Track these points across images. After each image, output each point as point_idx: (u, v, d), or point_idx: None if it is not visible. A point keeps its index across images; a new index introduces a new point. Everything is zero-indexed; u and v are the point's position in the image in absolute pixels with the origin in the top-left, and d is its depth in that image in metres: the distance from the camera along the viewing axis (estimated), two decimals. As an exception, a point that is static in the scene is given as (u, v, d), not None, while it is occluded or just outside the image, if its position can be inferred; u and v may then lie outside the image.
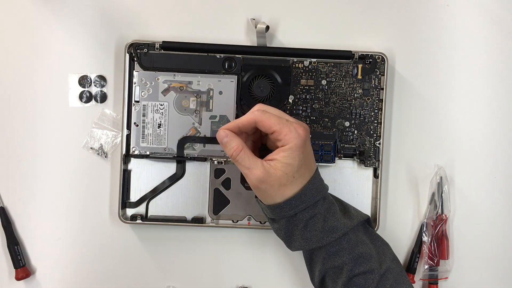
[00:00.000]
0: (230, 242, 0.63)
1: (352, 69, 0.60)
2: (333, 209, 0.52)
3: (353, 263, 0.50)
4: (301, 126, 0.49)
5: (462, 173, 0.63)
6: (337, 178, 0.61)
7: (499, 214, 0.63)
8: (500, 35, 0.63)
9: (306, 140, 0.49)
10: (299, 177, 0.50)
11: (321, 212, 0.51)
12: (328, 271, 0.52)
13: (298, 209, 0.50)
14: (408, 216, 0.63)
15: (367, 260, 0.51)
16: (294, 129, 0.49)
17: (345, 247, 0.51)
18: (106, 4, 0.62)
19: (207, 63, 0.60)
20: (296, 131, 0.48)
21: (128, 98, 0.60)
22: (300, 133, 0.49)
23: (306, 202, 0.50)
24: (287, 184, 0.49)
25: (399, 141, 0.63)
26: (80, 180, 0.62)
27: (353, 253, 0.51)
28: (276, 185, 0.49)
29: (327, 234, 0.50)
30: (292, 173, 0.49)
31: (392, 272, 0.51)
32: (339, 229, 0.51)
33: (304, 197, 0.50)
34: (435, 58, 0.63)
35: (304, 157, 0.49)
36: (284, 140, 0.48)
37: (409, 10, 0.63)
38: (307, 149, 0.50)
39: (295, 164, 0.49)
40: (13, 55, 0.62)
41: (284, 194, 0.50)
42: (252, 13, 0.62)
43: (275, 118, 0.49)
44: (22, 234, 0.62)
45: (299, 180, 0.50)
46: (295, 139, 0.48)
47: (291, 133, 0.48)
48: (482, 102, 0.63)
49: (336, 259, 0.51)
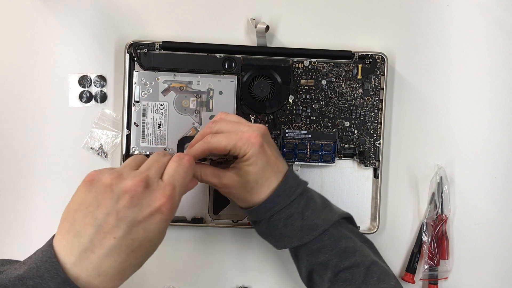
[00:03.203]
0: (230, 242, 0.63)
1: (352, 69, 0.60)
2: (312, 206, 0.51)
3: (337, 258, 0.50)
4: (254, 132, 0.49)
5: (462, 173, 0.63)
6: (337, 178, 0.61)
7: (499, 214, 0.63)
8: (500, 35, 0.63)
9: (262, 146, 0.49)
10: (265, 181, 0.50)
11: (298, 211, 0.50)
12: (314, 267, 0.52)
13: (274, 211, 0.50)
14: (408, 216, 0.63)
15: (351, 254, 0.50)
16: (246, 139, 0.48)
17: (327, 243, 0.50)
18: (106, 4, 0.62)
19: (207, 63, 0.60)
20: (248, 141, 0.48)
21: (128, 98, 0.60)
22: (253, 141, 0.48)
23: (280, 203, 0.50)
24: (254, 190, 0.50)
25: (399, 141, 0.63)
26: (80, 180, 0.62)
27: (336, 249, 0.50)
28: (243, 192, 0.50)
29: (306, 232, 0.50)
30: (255, 179, 0.49)
31: (377, 265, 0.51)
32: (319, 226, 0.50)
33: (277, 198, 0.50)
34: (435, 58, 0.63)
35: (266, 161, 0.49)
36: (240, 153, 0.49)
37: (409, 10, 0.63)
38: (267, 153, 0.49)
39: (255, 171, 0.49)
40: (13, 55, 0.62)
41: (256, 198, 0.50)
42: (252, 13, 0.62)
43: (225, 139, 0.48)
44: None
45: (267, 184, 0.50)
46: (250, 149, 0.48)
47: (245, 145, 0.48)
48: (482, 102, 0.63)
49: (319, 256, 0.51)
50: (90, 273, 0.39)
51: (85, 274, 0.39)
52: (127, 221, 0.40)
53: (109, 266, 0.40)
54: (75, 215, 0.40)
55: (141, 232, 0.40)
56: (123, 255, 0.40)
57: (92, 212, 0.40)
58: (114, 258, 0.40)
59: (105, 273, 0.40)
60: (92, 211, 0.40)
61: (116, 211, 0.40)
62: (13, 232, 0.62)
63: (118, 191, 0.40)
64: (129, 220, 0.40)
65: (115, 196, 0.40)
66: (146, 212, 0.40)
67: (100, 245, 0.39)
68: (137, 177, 0.41)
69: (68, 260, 0.39)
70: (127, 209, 0.40)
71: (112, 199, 0.40)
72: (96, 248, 0.39)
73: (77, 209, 0.40)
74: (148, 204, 0.41)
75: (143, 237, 0.41)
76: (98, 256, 0.39)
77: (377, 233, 0.61)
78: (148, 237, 0.41)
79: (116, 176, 0.41)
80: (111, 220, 0.39)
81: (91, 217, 0.40)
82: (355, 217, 0.54)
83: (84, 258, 0.39)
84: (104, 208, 0.40)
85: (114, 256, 0.40)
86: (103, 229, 0.39)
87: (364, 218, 0.61)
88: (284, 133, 0.60)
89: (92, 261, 0.39)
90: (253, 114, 0.60)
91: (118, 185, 0.40)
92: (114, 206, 0.40)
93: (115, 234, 0.39)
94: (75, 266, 0.39)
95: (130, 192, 0.40)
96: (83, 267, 0.39)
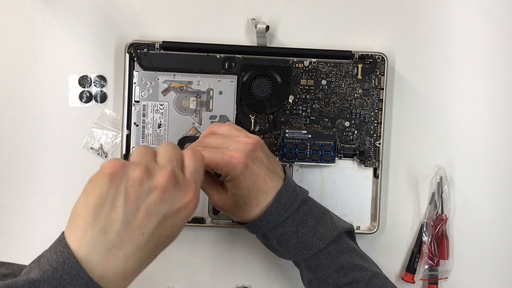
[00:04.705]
0: (230, 242, 0.63)
1: (352, 69, 0.60)
2: (309, 222, 0.49)
3: (336, 275, 0.49)
4: (238, 152, 0.46)
5: (462, 173, 0.63)
6: (337, 178, 0.61)
7: (499, 214, 0.63)
8: (500, 35, 0.63)
9: (245, 167, 0.46)
10: (253, 201, 0.48)
11: (292, 230, 0.49)
12: (314, 280, 0.51)
13: (266, 229, 0.49)
14: (408, 216, 0.63)
15: (351, 270, 0.49)
16: (228, 160, 0.46)
17: (323, 261, 0.49)
18: (106, 4, 0.62)
19: (207, 63, 0.60)
20: (230, 162, 0.46)
21: (128, 98, 0.60)
22: (235, 162, 0.46)
23: (272, 221, 0.48)
24: (242, 209, 0.49)
25: (399, 141, 0.63)
26: (80, 180, 0.62)
27: (333, 266, 0.49)
28: (233, 210, 0.49)
29: (301, 250, 0.49)
30: (242, 200, 0.48)
31: (378, 276, 0.50)
32: (314, 245, 0.49)
33: (270, 217, 0.48)
34: (435, 58, 0.63)
35: (252, 182, 0.47)
36: (223, 174, 0.48)
37: (409, 10, 0.63)
38: (253, 172, 0.47)
39: (240, 192, 0.48)
40: (13, 55, 0.62)
41: (246, 217, 0.49)
42: (252, 13, 0.62)
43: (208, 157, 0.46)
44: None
45: (255, 203, 0.48)
46: (232, 171, 0.46)
47: (226, 166, 0.46)
48: (482, 102, 0.63)
49: (317, 273, 0.50)
50: (116, 271, 0.37)
51: (112, 272, 0.36)
52: (157, 216, 0.38)
53: (134, 263, 0.38)
54: (98, 209, 0.37)
55: (168, 228, 0.39)
56: (148, 251, 0.38)
57: (119, 206, 0.37)
58: (140, 254, 0.38)
59: (130, 270, 0.38)
60: (119, 205, 0.37)
61: (147, 206, 0.38)
62: (13, 232, 0.62)
63: (149, 186, 0.38)
64: (159, 215, 0.38)
65: (145, 191, 0.38)
66: (175, 207, 0.39)
67: (129, 241, 0.37)
68: (167, 172, 0.39)
69: (93, 258, 0.36)
70: (158, 204, 0.38)
71: (142, 193, 0.38)
72: (124, 244, 0.37)
73: (100, 203, 0.37)
74: (178, 199, 0.39)
75: (169, 232, 0.40)
76: (125, 253, 0.37)
77: (377, 233, 0.61)
78: (172, 232, 0.40)
79: (145, 170, 0.39)
80: (140, 215, 0.37)
81: (118, 211, 0.37)
82: (355, 217, 0.54)
83: (111, 256, 0.36)
84: (133, 202, 0.37)
85: (140, 252, 0.38)
86: (133, 224, 0.37)
87: (364, 218, 0.61)
88: (284, 133, 0.60)
89: (120, 258, 0.37)
90: (253, 114, 0.60)
91: (149, 179, 0.38)
92: (145, 201, 0.38)
93: (144, 230, 0.38)
94: (100, 264, 0.36)
95: (162, 187, 0.38)
96: (110, 265, 0.36)
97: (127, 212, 0.37)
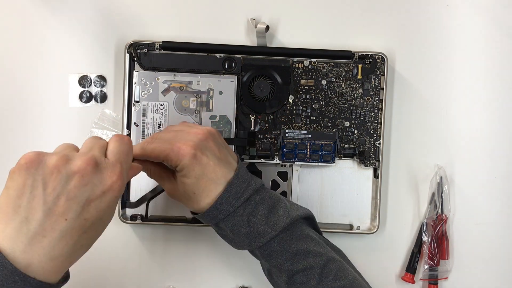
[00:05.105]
0: (230, 242, 0.63)
1: (352, 69, 0.60)
2: (261, 211, 0.49)
3: (289, 262, 0.49)
4: (186, 142, 0.48)
5: (462, 173, 0.63)
6: (337, 178, 0.61)
7: (499, 214, 0.63)
8: (500, 35, 0.63)
9: (194, 157, 0.47)
10: (202, 191, 0.48)
11: (243, 219, 0.49)
12: (271, 269, 0.51)
13: (218, 219, 0.49)
14: (408, 216, 0.63)
15: (304, 257, 0.49)
16: (177, 150, 0.47)
17: (276, 249, 0.49)
18: (106, 4, 0.62)
19: (207, 63, 0.60)
20: (178, 153, 0.47)
21: (128, 98, 0.60)
22: (183, 153, 0.47)
23: (223, 211, 0.48)
24: (192, 199, 0.49)
25: (399, 141, 0.63)
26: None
27: (287, 253, 0.49)
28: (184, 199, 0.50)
29: (253, 239, 0.49)
30: (192, 190, 0.48)
31: (334, 262, 0.50)
32: (266, 233, 0.49)
33: (220, 206, 0.48)
34: (435, 58, 0.63)
35: (201, 172, 0.48)
36: (172, 164, 0.48)
37: (409, 10, 0.63)
38: (202, 162, 0.48)
39: (189, 182, 0.48)
40: (13, 55, 0.62)
41: (197, 206, 0.50)
42: (252, 13, 0.62)
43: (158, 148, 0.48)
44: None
45: (205, 193, 0.48)
46: (180, 161, 0.47)
47: (176, 157, 0.47)
48: (482, 102, 0.63)
49: (272, 260, 0.50)
50: (42, 259, 0.38)
51: (37, 260, 0.38)
52: (79, 201, 0.39)
53: (62, 249, 0.39)
54: (18, 201, 0.38)
55: (93, 212, 0.40)
56: (75, 237, 0.39)
57: (39, 195, 0.38)
58: (67, 240, 0.39)
59: (58, 256, 0.39)
60: (38, 194, 0.38)
61: (67, 192, 0.38)
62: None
63: (67, 172, 0.39)
64: (81, 199, 0.39)
65: (63, 177, 0.39)
66: (98, 190, 0.40)
67: (52, 228, 0.38)
68: (85, 157, 0.40)
69: (16, 248, 0.37)
70: (78, 189, 0.39)
71: (61, 180, 0.39)
72: (47, 232, 0.38)
73: (19, 195, 0.38)
74: (100, 182, 0.40)
75: (95, 216, 0.40)
76: (50, 240, 0.38)
77: (377, 233, 0.61)
78: (99, 216, 0.40)
79: (61, 156, 0.39)
80: (61, 201, 0.38)
81: (38, 200, 0.38)
82: (355, 217, 0.54)
83: (34, 244, 0.38)
84: (52, 190, 0.38)
85: (67, 238, 0.39)
86: (54, 211, 0.38)
87: (364, 218, 0.61)
88: (284, 133, 0.60)
89: (45, 246, 0.38)
90: (253, 114, 0.60)
91: (66, 165, 0.39)
92: (64, 187, 0.38)
93: (67, 216, 0.38)
94: (25, 253, 0.37)
95: (80, 171, 0.39)
96: (35, 253, 0.38)
97: (47, 200, 0.38)
